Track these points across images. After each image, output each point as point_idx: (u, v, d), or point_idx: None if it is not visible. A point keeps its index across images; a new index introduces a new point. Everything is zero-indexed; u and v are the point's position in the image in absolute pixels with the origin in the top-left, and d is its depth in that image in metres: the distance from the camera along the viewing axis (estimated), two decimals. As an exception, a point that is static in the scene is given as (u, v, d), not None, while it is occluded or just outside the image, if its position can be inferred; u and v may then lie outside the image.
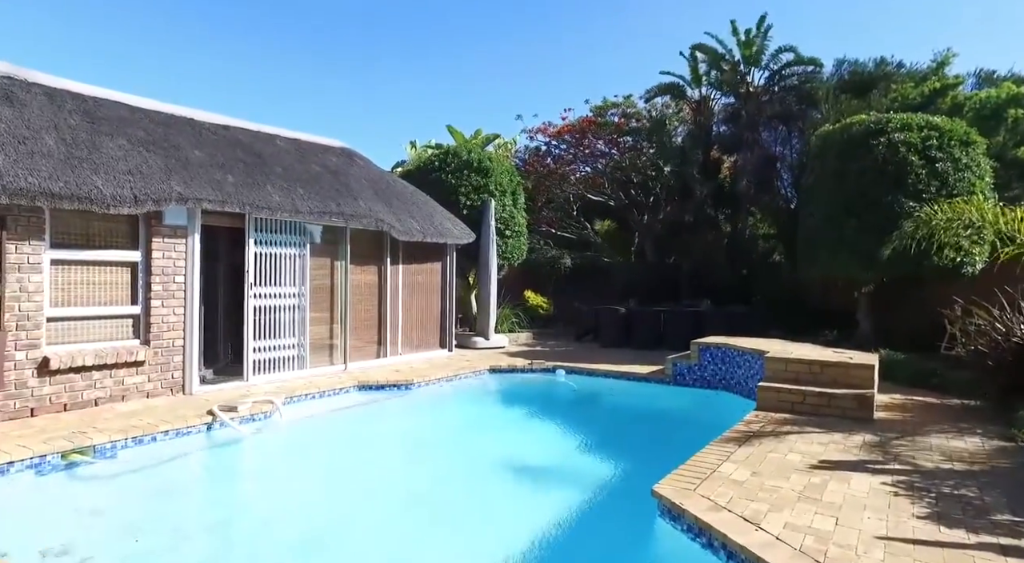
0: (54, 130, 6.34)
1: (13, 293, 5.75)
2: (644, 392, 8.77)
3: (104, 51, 31.09)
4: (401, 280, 10.28)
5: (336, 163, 9.86)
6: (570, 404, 8.60)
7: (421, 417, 7.62)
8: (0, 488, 4.49)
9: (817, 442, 5.27)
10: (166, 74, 32.27)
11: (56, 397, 6.04)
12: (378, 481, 5.28)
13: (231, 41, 32.73)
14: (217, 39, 32.17)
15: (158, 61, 32.34)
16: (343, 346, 9.10)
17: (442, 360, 10.43)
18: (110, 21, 30.04)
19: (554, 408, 8.30)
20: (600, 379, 9.38)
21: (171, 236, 6.89)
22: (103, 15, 29.34)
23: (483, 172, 12.89)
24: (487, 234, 12.31)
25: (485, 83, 36.69)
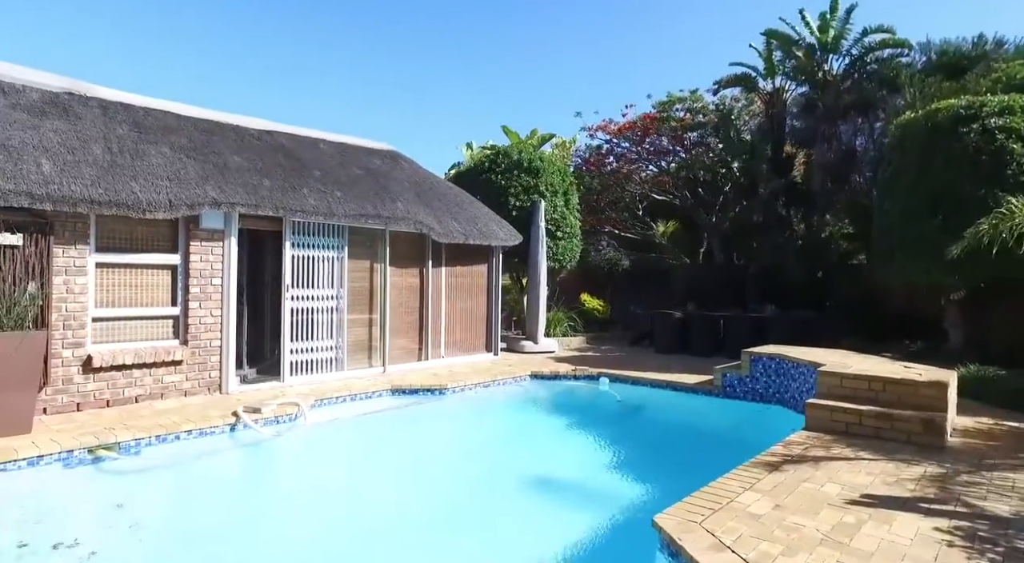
0: (103, 140, 6.69)
1: (60, 294, 6.10)
2: (689, 404, 8.20)
3: (173, 63, 33.26)
4: (444, 282, 10.21)
5: (379, 165, 9.92)
6: (609, 415, 8.16)
7: (450, 424, 7.47)
8: (28, 480, 4.72)
9: (865, 472, 4.63)
10: (234, 84, 34.12)
11: (99, 393, 6.35)
12: (388, 490, 5.14)
13: (298, 51, 34.18)
14: (281, 48, 33.69)
15: (228, 71, 34.25)
16: (382, 348, 9.12)
17: (485, 364, 10.26)
18: (175, 33, 32.14)
19: (592, 419, 7.87)
20: (645, 388, 8.87)
21: (208, 240, 7.11)
22: (163, 27, 31.41)
23: (533, 172, 12.63)
24: (536, 236, 12.04)
25: (543, 81, 36.33)
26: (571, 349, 12.76)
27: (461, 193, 11.01)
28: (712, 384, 8.34)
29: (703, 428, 7.44)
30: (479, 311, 10.90)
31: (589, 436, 7.02)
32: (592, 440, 6.84)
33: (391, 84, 35.75)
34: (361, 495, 5.05)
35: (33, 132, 6.23)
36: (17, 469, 4.79)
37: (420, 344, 9.85)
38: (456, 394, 8.29)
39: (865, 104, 13.82)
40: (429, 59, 34.53)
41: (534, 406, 8.56)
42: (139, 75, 32.79)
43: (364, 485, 5.31)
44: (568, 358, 11.12)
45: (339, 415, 7.09)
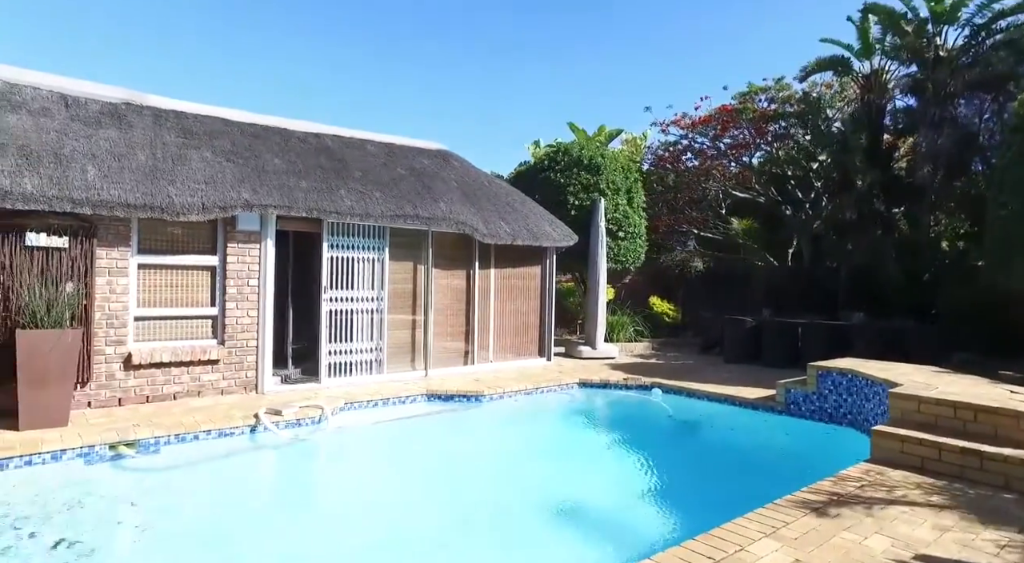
0: (149, 147, 6.97)
1: (103, 294, 6.40)
2: (747, 422, 7.35)
3: (259, 76, 35.22)
4: (493, 284, 9.91)
5: (426, 165, 9.79)
6: (657, 431, 7.48)
7: (480, 434, 7.10)
8: (48, 474, 4.91)
9: (932, 524, 3.78)
10: (315, 92, 35.71)
11: (140, 389, 6.62)
12: (392, 505, 4.83)
13: (365, 59, 35.21)
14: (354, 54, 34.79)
15: (314, 79, 35.91)
16: (425, 352, 8.96)
17: (535, 370, 9.85)
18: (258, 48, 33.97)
19: (637, 434, 7.19)
20: (701, 402, 8.11)
21: (245, 241, 7.24)
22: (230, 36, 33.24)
23: (593, 170, 12.05)
24: (596, 236, 11.47)
25: (611, 75, 35.09)
26: (633, 355, 12.05)
27: (513, 192, 10.67)
28: (774, 400, 7.45)
29: (759, 451, 6.60)
30: (531, 314, 10.51)
31: (630, 455, 6.34)
32: (632, 460, 6.17)
33: (461, 82, 36.10)
34: (361, 508, 4.82)
35: (86, 141, 6.59)
36: (41, 463, 5.00)
37: (467, 348, 9.61)
38: (493, 402, 7.96)
39: (993, 80, 11.97)
40: (497, 56, 34.45)
41: (575, 417, 8.03)
42: (226, 87, 35.09)
43: (367, 498, 5.08)
44: (626, 365, 10.46)
45: (366, 420, 6.96)
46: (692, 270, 14.53)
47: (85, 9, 29.63)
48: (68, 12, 29.39)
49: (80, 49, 31.23)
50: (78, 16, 29.99)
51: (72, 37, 31.42)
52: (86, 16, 29.84)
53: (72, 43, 31.03)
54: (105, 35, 31.59)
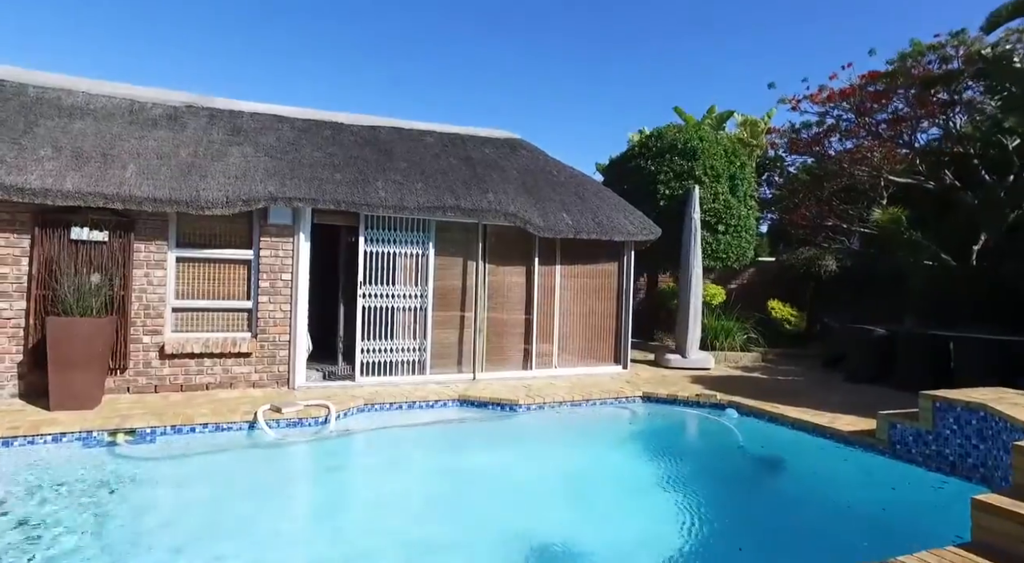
0: (194, 145, 7.23)
1: (141, 286, 6.71)
2: (834, 463, 5.70)
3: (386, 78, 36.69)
4: (558, 282, 9.04)
5: (487, 155, 9.20)
6: (720, 464, 6.06)
7: (495, 450, 6.17)
8: (44, 455, 5.12)
9: None
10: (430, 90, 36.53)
11: (174, 378, 6.85)
12: (365, 528, 4.24)
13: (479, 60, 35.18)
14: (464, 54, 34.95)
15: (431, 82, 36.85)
16: (474, 353, 8.38)
17: (602, 379, 8.79)
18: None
19: (690, 469, 5.75)
20: (783, 430, 6.55)
21: (277, 235, 7.21)
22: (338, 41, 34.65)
23: (688, 155, 10.60)
24: (689, 229, 10.05)
25: (724, 53, 31.28)
26: (735, 367, 10.38)
27: (587, 182, 9.68)
28: (875, 437, 5.71)
29: (842, 504, 4.98)
30: (605, 316, 9.44)
31: (669, 500, 4.82)
32: (669, 508, 4.57)
33: (563, 72, 34.88)
34: (329, 525, 4.29)
35: (136, 142, 6.98)
36: (43, 443, 5.25)
37: (526, 351, 8.85)
38: (530, 412, 7.13)
39: None
40: (595, 43, 32.66)
41: (620, 439, 6.80)
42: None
43: (340, 515, 4.57)
44: (716, 379, 8.97)
45: (381, 423, 6.54)
46: (823, 270, 12.24)
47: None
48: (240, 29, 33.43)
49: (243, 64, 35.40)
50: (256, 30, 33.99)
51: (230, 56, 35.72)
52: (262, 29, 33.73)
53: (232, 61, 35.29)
54: (289, 53, 35.44)
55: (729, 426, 6.84)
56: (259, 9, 32.44)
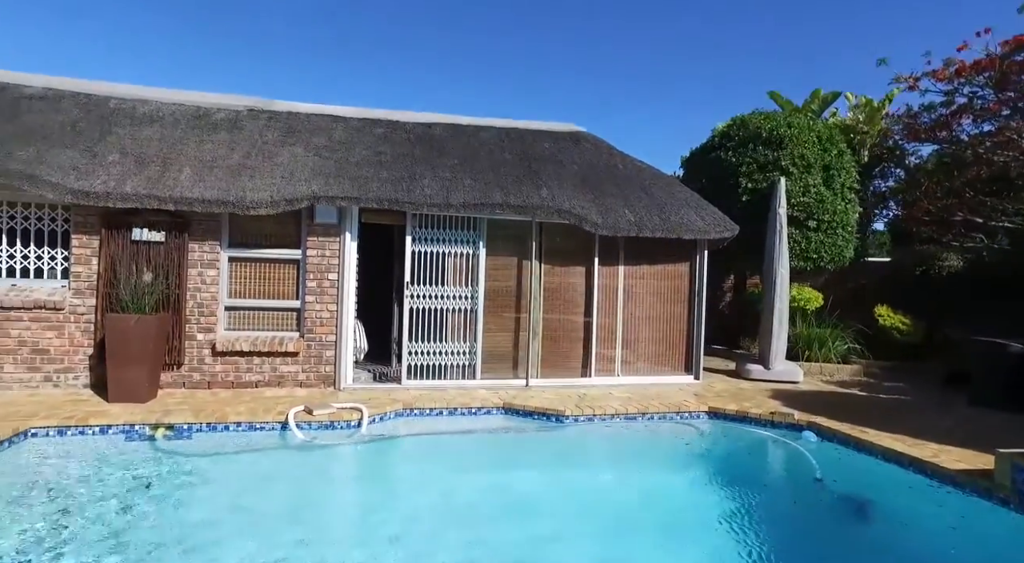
0: (248, 147, 7.38)
1: (195, 285, 6.91)
2: (937, 510, 4.67)
3: None
4: (621, 284, 8.40)
5: (546, 149, 8.73)
6: (785, 500, 5.21)
7: (534, 466, 5.60)
8: (91, 444, 5.33)
9: None
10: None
11: (225, 375, 7.00)
12: (374, 544, 3.96)
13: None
14: None
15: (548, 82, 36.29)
16: (528, 358, 7.95)
17: (670, 390, 8.04)
18: None
19: (752, 502, 4.89)
20: (873, 462, 5.55)
21: (324, 234, 7.18)
22: None
23: (774, 143, 9.53)
24: (773, 226, 9.01)
25: (831, 29, 27.88)
26: (829, 381, 9.17)
27: (656, 177, 8.93)
28: (993, 479, 4.63)
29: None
30: (675, 321, 8.66)
31: (724, 538, 4.07)
32: (723, 550, 3.93)
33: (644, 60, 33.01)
34: (325, 538, 4.06)
35: (195, 146, 7.23)
36: (91, 434, 5.47)
37: (585, 357, 8.29)
38: (578, 425, 6.59)
39: None
40: (683, 29, 30.53)
41: (676, 461, 5.99)
42: None
43: (340, 528, 4.34)
44: (802, 395, 7.94)
45: (417, 429, 6.28)
46: (944, 270, 10.57)
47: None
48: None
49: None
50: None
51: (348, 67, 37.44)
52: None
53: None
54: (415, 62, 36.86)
55: (804, 452, 5.91)
56: (334, 11, 33.69)
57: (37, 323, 6.55)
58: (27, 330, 6.54)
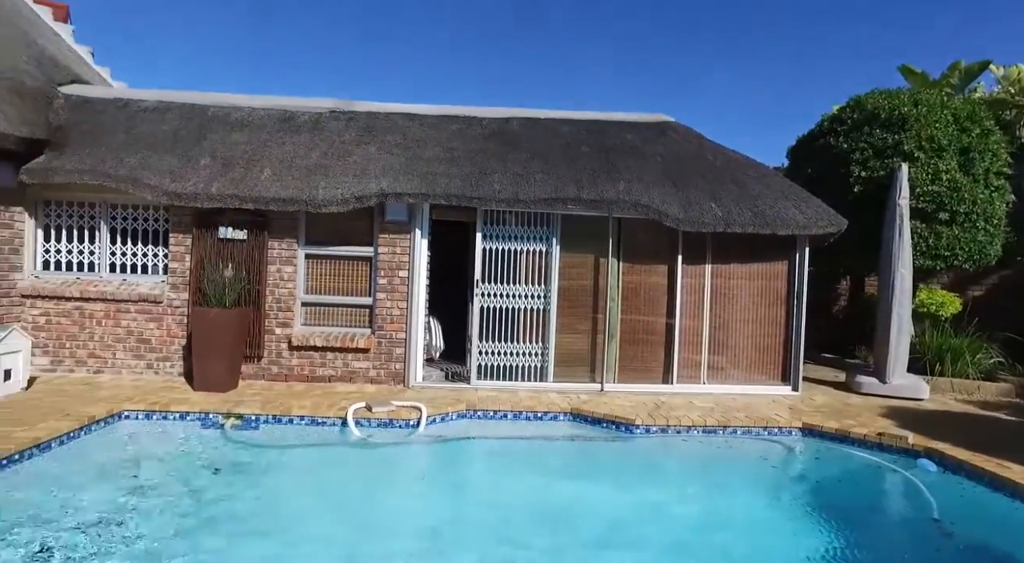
0: (325, 146, 7.57)
1: (274, 281, 7.19)
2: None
3: None
4: (708, 284, 7.73)
5: (628, 141, 8.21)
6: (891, 547, 4.41)
7: (598, 481, 5.08)
8: (170, 428, 5.68)
9: None
10: None
11: (301, 369, 7.22)
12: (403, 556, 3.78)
13: None
14: None
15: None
16: (604, 361, 7.51)
17: (764, 401, 7.27)
18: None
19: (849, 545, 4.05)
20: (1008, 503, 4.58)
21: (394, 232, 7.20)
22: None
23: (896, 125, 8.34)
24: (892, 219, 7.88)
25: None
26: (967, 400, 7.86)
27: (749, 167, 8.11)
28: None
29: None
30: (771, 325, 7.83)
31: None
32: None
33: None
34: (358, 540, 3.96)
35: (278, 147, 7.53)
36: (171, 419, 5.82)
37: (666, 362, 7.71)
38: (650, 437, 6.08)
39: None
40: None
41: (756, 484, 5.21)
42: None
43: (374, 534, 4.14)
44: (927, 414, 6.86)
45: (477, 432, 6.09)
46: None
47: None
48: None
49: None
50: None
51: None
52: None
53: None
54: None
55: (919, 485, 5.01)
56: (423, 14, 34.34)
57: (141, 315, 7.12)
58: (134, 321, 7.12)
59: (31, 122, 6.95)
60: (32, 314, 7.09)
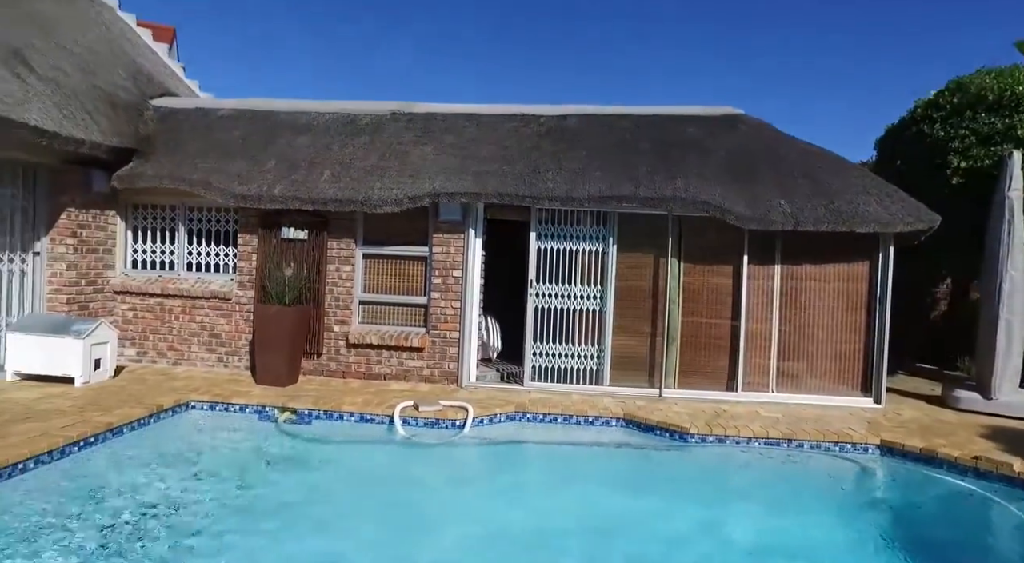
0: (384, 148, 7.71)
1: (333, 280, 7.40)
2: None
3: None
4: (778, 286, 7.22)
5: (691, 135, 7.80)
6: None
7: (642, 494, 4.80)
8: (229, 419, 5.97)
9: None
10: None
11: (358, 366, 7.39)
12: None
13: None
14: None
15: None
16: (663, 366, 7.18)
17: (839, 414, 6.69)
18: None
19: None
20: None
21: (448, 231, 7.21)
22: None
23: (1007, 108, 7.42)
24: (1000, 214, 7.03)
25: None
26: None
27: (827, 160, 7.48)
28: None
29: None
30: (849, 332, 7.20)
31: None
32: None
33: None
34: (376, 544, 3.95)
35: (339, 150, 7.74)
36: (232, 411, 6.10)
37: (730, 368, 7.26)
38: (705, 447, 5.73)
39: None
40: None
41: (825, 508, 4.68)
42: None
43: (374, 536, 3.93)
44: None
45: (523, 435, 5.97)
46: None
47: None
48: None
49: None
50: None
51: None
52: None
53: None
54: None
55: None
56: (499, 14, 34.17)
57: (213, 311, 7.55)
58: (207, 317, 7.57)
59: (121, 132, 7.52)
60: (122, 309, 7.69)
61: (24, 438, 4.56)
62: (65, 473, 4.39)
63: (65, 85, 7.07)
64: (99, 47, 8.84)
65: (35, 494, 3.99)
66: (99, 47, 8.84)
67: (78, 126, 6.73)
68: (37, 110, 6.29)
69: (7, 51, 6.67)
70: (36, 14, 8.06)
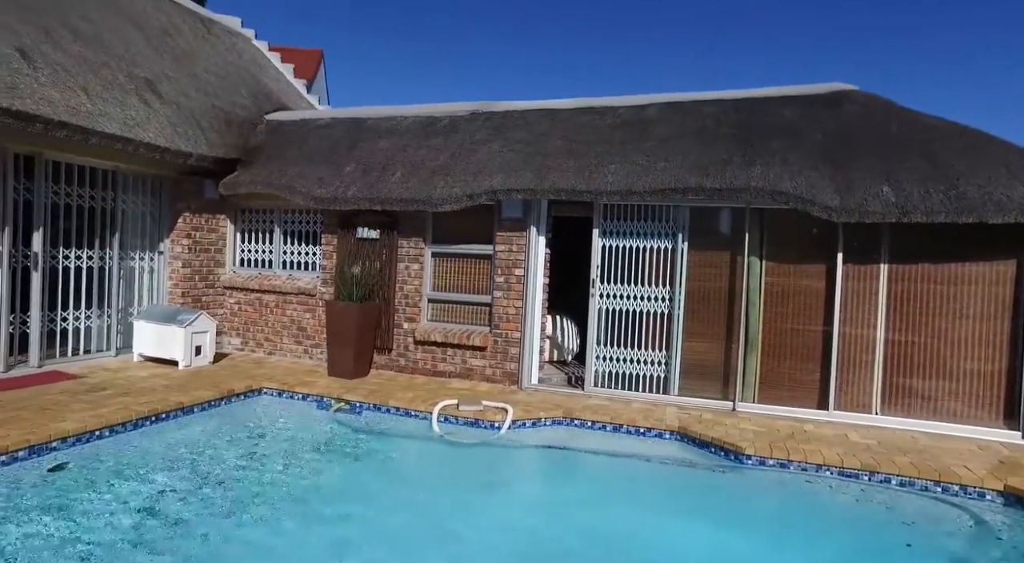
0: (455, 147, 7.78)
1: (402, 278, 7.63)
2: None
3: None
4: (883, 288, 6.16)
5: (783, 118, 6.90)
6: None
7: (668, 519, 4.29)
8: (290, 407, 6.39)
9: None
10: None
11: (424, 363, 7.54)
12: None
13: None
14: None
15: None
16: (740, 376, 6.46)
17: (960, 445, 5.53)
18: None
19: None
20: None
21: (510, 229, 7.10)
22: None
23: None
24: None
25: None
26: None
27: (953, 136, 6.20)
28: None
29: None
30: (983, 347, 5.92)
31: None
32: None
33: None
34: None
35: (414, 150, 7.96)
36: (295, 399, 6.52)
37: (822, 383, 6.33)
38: (764, 470, 5.02)
39: None
40: None
41: None
42: None
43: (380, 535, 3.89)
44: None
45: (565, 441, 5.66)
46: None
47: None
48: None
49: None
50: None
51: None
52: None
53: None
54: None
55: None
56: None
57: (300, 306, 8.16)
58: (295, 311, 8.20)
59: (228, 145, 8.41)
60: (229, 302, 8.61)
61: (113, 409, 5.25)
62: (126, 443, 4.96)
63: (185, 106, 8.07)
64: (226, 71, 10.00)
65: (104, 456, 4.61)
66: (226, 71, 10.00)
67: (188, 141, 7.64)
68: (154, 129, 7.24)
69: (141, 82, 7.75)
70: (176, 48, 9.30)
